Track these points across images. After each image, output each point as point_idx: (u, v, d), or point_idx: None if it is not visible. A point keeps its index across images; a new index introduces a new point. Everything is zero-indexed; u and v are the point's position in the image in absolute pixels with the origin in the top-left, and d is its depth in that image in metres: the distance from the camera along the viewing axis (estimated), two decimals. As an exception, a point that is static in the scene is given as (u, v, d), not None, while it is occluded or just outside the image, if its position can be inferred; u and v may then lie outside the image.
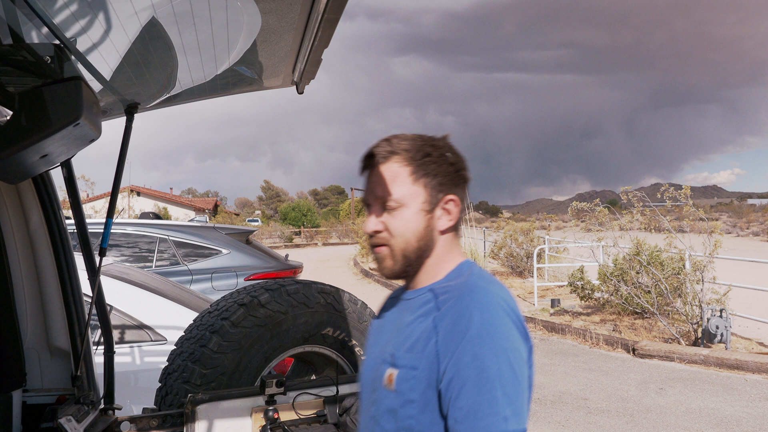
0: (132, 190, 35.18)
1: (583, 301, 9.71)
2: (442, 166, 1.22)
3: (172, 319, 3.38)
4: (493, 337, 1.07)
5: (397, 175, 1.20)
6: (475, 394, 1.05)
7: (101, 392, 2.45)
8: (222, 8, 1.51)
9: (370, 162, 1.24)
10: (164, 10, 1.47)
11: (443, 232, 1.23)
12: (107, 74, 1.86)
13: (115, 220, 4.78)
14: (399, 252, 1.21)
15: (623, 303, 8.56)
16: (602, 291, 9.04)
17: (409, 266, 1.22)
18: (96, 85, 1.92)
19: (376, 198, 1.22)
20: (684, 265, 8.03)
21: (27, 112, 1.49)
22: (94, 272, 2.42)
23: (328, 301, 2.81)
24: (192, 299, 3.82)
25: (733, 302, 7.74)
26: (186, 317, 3.04)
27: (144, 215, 9.29)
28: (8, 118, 1.54)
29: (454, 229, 1.25)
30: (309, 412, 2.21)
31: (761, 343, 7.72)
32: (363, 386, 1.30)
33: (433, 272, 1.24)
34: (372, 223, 1.22)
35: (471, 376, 1.06)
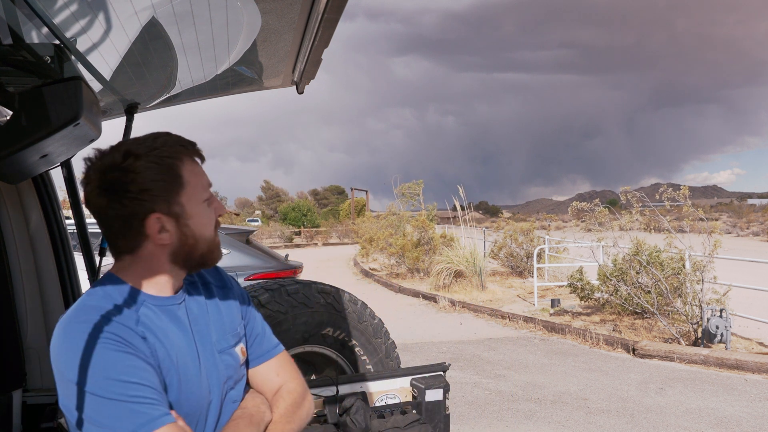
0: (132, 190, 35.06)
1: (582, 301, 9.71)
2: None
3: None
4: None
5: None
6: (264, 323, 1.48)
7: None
8: (222, 8, 1.51)
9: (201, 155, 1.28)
10: (164, 10, 1.47)
11: None
12: (107, 74, 1.86)
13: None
14: None
15: (623, 303, 8.56)
16: (602, 291, 9.04)
17: None
18: (96, 85, 1.92)
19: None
20: (684, 265, 8.02)
21: (27, 112, 1.49)
22: (94, 272, 2.42)
23: (328, 301, 2.81)
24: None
25: (733, 302, 7.73)
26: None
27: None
28: (8, 118, 1.54)
29: None
30: (309, 412, 2.21)
31: (761, 343, 7.72)
32: (216, 386, 1.28)
33: None
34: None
35: (262, 321, 1.48)
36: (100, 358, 1.08)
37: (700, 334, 7.38)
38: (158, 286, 1.24)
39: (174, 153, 1.20)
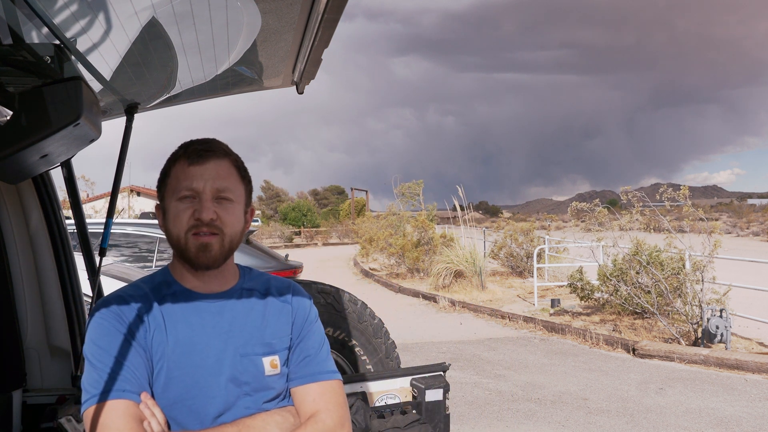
0: (132, 190, 35.12)
1: (582, 301, 9.71)
2: (250, 181, 1.41)
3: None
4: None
5: (230, 173, 1.33)
6: (325, 348, 1.46)
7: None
8: (222, 8, 1.51)
9: (205, 155, 1.31)
10: (164, 10, 1.47)
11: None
12: (107, 74, 1.86)
13: (115, 220, 4.77)
14: (227, 243, 1.31)
15: (623, 303, 8.56)
16: (602, 291, 9.04)
17: (226, 258, 1.33)
18: (96, 85, 1.92)
19: (212, 189, 1.29)
20: (684, 265, 8.02)
21: (27, 112, 1.49)
22: (94, 272, 2.42)
23: (328, 301, 2.82)
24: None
25: (733, 302, 7.73)
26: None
27: (144, 215, 9.28)
28: (8, 118, 1.54)
29: None
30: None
31: (761, 343, 7.72)
32: (225, 384, 1.30)
33: (231, 270, 1.39)
34: (210, 211, 1.28)
35: (320, 344, 1.45)
36: (93, 329, 1.26)
37: (700, 334, 7.38)
38: (185, 278, 1.35)
39: (173, 154, 1.34)
